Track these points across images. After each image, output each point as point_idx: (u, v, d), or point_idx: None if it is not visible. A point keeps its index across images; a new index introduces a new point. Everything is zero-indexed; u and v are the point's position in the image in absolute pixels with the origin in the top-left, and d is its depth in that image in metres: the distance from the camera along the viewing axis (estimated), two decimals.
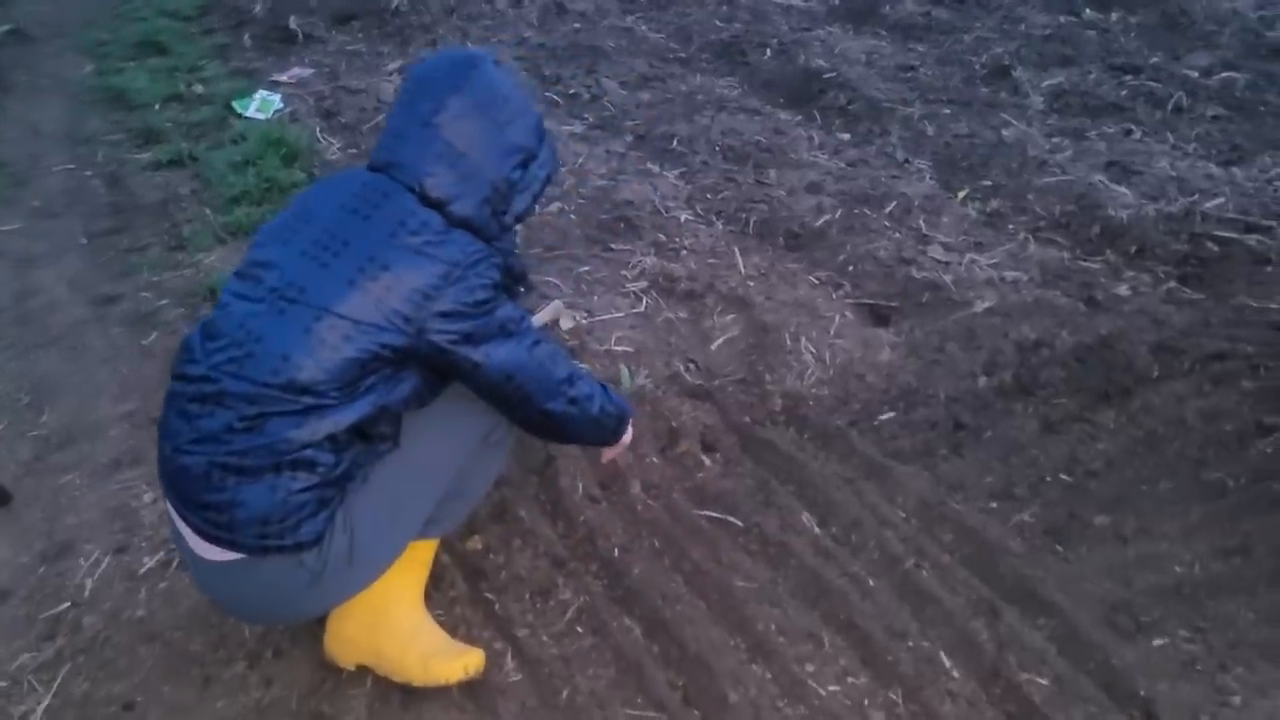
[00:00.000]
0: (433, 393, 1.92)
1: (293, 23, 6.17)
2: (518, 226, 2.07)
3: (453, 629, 2.28)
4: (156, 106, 5.08)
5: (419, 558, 2.17)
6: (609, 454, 2.43)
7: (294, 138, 4.55)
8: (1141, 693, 2.08)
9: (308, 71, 5.56)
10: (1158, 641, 2.22)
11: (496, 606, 2.35)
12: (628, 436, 2.30)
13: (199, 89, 5.30)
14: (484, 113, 1.87)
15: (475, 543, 2.49)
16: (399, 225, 1.78)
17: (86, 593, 2.37)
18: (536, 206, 2.10)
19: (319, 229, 1.80)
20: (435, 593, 2.36)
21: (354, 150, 4.64)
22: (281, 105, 5.04)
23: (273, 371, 1.70)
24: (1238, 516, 2.53)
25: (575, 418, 2.04)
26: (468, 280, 1.79)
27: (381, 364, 1.76)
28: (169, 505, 1.81)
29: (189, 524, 1.76)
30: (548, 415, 1.99)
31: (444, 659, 2.11)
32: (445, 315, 1.77)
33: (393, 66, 5.68)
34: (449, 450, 1.99)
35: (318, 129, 4.83)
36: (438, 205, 1.84)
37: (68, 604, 2.35)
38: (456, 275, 1.77)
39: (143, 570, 2.42)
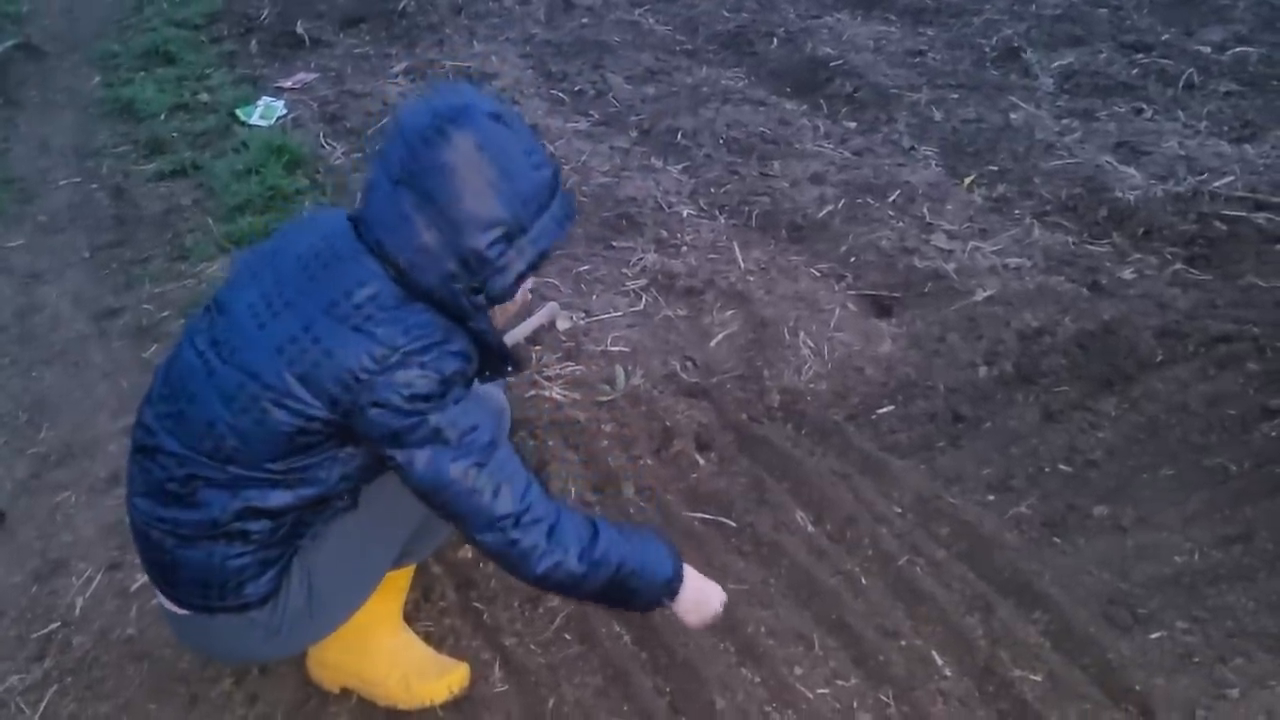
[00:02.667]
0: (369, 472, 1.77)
1: (300, 27, 6.17)
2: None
3: (441, 639, 2.27)
4: (162, 116, 5.10)
5: (396, 584, 2.15)
6: (691, 622, 1.93)
7: (296, 144, 4.55)
8: (1137, 687, 2.05)
9: (313, 76, 5.56)
10: (1155, 634, 2.18)
11: (485, 616, 2.34)
12: (707, 609, 1.90)
13: (204, 97, 5.31)
14: (459, 174, 1.55)
15: (466, 551, 2.48)
16: (343, 295, 1.58)
17: (77, 611, 2.38)
18: (529, 284, 1.74)
19: (272, 280, 1.66)
20: (425, 603, 2.36)
21: (358, 155, 4.64)
22: (285, 111, 5.05)
23: (199, 436, 1.63)
24: (1239, 503, 2.48)
25: (519, 564, 1.68)
26: (407, 369, 1.56)
27: (313, 437, 1.63)
28: None
29: (148, 574, 1.77)
30: (484, 549, 1.69)
31: (428, 679, 2.10)
32: (376, 405, 1.57)
33: (399, 69, 5.67)
34: (413, 501, 1.71)
35: (321, 134, 4.83)
36: (398, 273, 1.61)
37: (58, 623, 2.36)
38: (394, 361, 1.56)
39: (134, 587, 2.43)
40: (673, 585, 1.82)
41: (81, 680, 2.21)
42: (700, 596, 1.89)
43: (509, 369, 1.86)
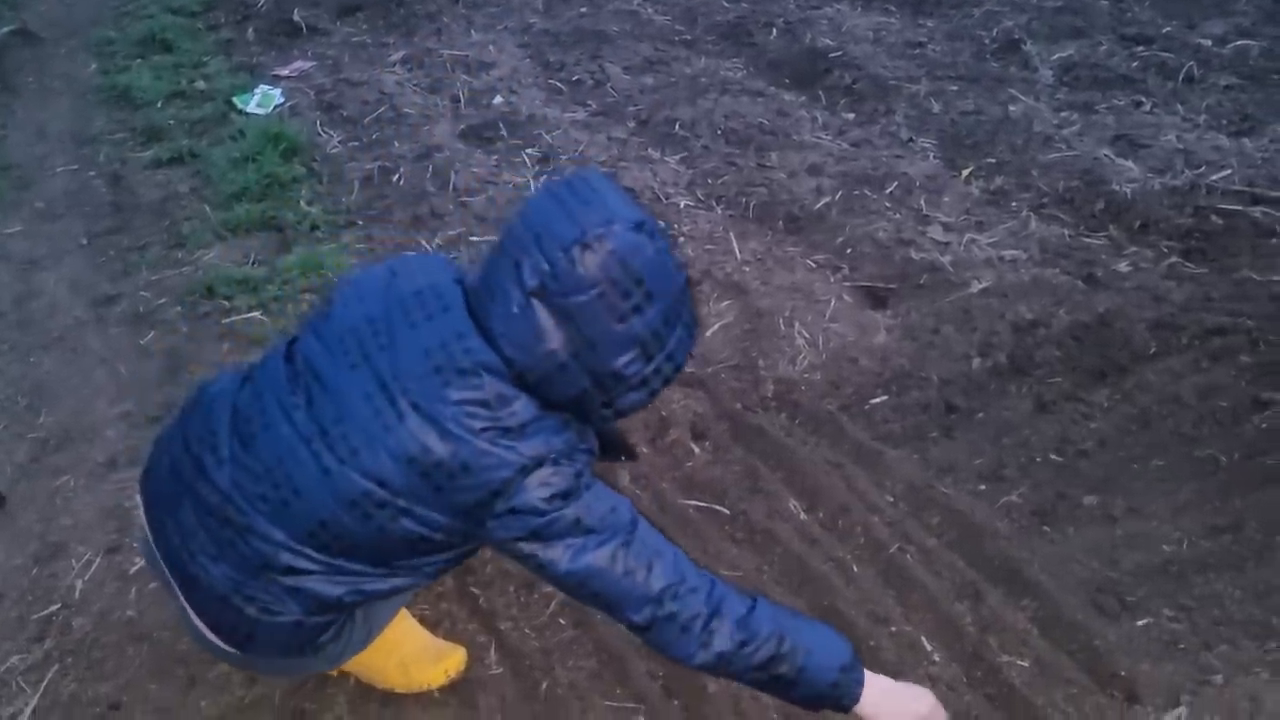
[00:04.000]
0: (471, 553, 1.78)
1: (297, 15, 6.17)
2: None
3: (437, 623, 2.29)
4: (159, 104, 5.10)
5: None
6: None
7: (293, 132, 4.56)
8: (1123, 673, 2.07)
9: (309, 64, 5.57)
10: (1142, 621, 2.20)
11: (482, 600, 2.36)
12: (912, 710, 1.72)
13: (201, 85, 5.31)
14: (602, 294, 1.45)
15: None
16: (480, 405, 1.50)
17: (77, 594, 2.40)
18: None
19: (388, 366, 1.55)
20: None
21: (355, 143, 4.65)
22: (282, 100, 5.05)
23: (309, 532, 1.59)
24: (1229, 493, 2.50)
25: (679, 636, 1.59)
26: (542, 471, 1.52)
27: (434, 544, 1.62)
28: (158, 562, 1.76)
29: (192, 610, 1.72)
30: (640, 628, 1.60)
31: (425, 664, 2.12)
32: (513, 512, 1.53)
33: (396, 57, 5.68)
34: None
35: (318, 123, 4.84)
36: (525, 388, 1.54)
37: (58, 605, 2.37)
38: (530, 468, 1.51)
39: (133, 570, 2.44)
40: (852, 672, 1.65)
41: (81, 661, 2.23)
42: (900, 693, 1.73)
43: (621, 457, 1.83)
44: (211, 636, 1.73)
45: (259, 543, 1.61)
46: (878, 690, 1.68)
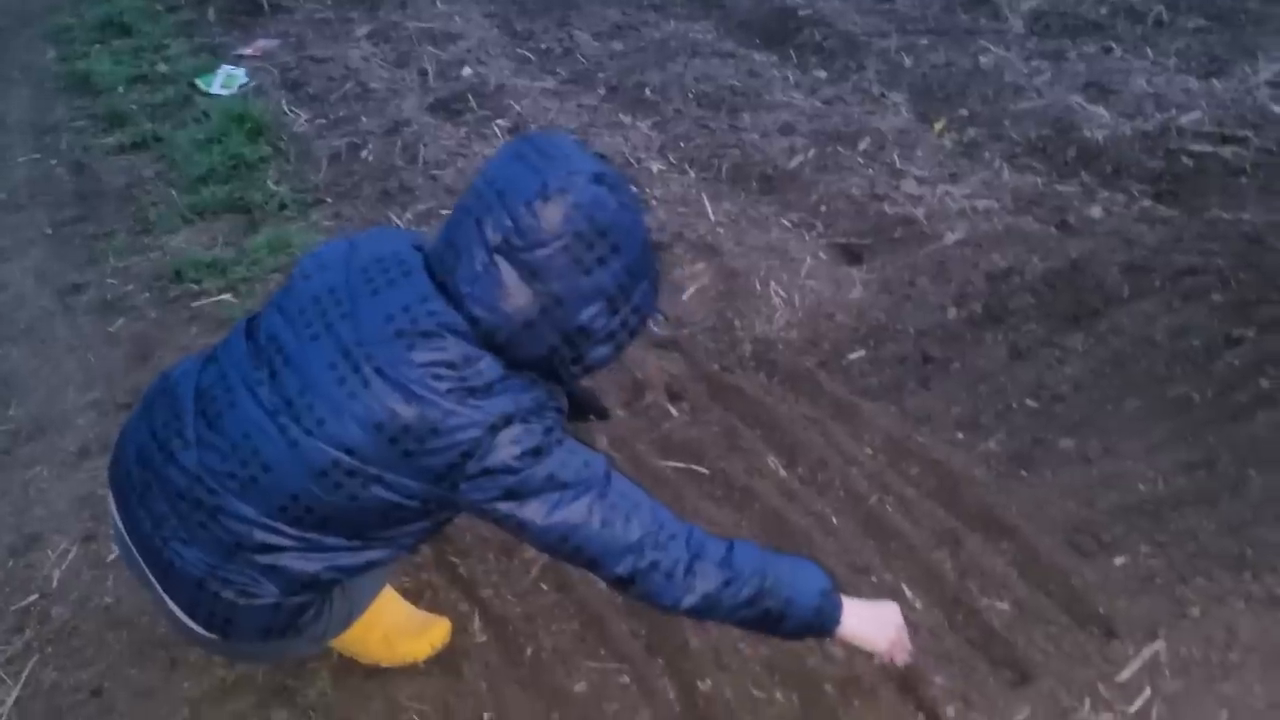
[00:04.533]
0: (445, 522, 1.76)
1: None
2: None
3: (419, 594, 2.28)
4: (120, 89, 5.04)
5: None
6: (879, 645, 1.76)
7: (258, 112, 4.51)
8: (1101, 610, 2.08)
9: (273, 43, 5.51)
10: (1119, 559, 2.21)
11: (462, 569, 2.35)
12: (888, 621, 1.76)
13: (163, 68, 5.25)
14: (567, 248, 1.45)
15: None
16: (445, 366, 1.48)
17: (54, 583, 2.38)
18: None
19: (350, 332, 1.52)
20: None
21: (322, 121, 4.61)
22: (246, 79, 5.00)
23: (280, 507, 1.56)
24: (1202, 430, 2.51)
25: (663, 585, 1.58)
26: (511, 429, 1.49)
27: (408, 512, 1.59)
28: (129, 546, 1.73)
29: (169, 598, 1.70)
30: (622, 581, 1.59)
31: (409, 636, 2.11)
32: (486, 472, 1.51)
33: (361, 32, 5.63)
34: None
35: (283, 101, 4.79)
36: (492, 347, 1.52)
37: (36, 595, 2.35)
38: (500, 427, 1.49)
39: (110, 558, 2.42)
40: (831, 598, 1.68)
41: (62, 649, 2.21)
42: (873, 613, 1.76)
43: (591, 417, 1.82)
44: (191, 624, 1.71)
45: (231, 522, 1.59)
46: (853, 611, 1.71)
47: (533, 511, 1.54)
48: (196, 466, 1.60)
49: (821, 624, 1.68)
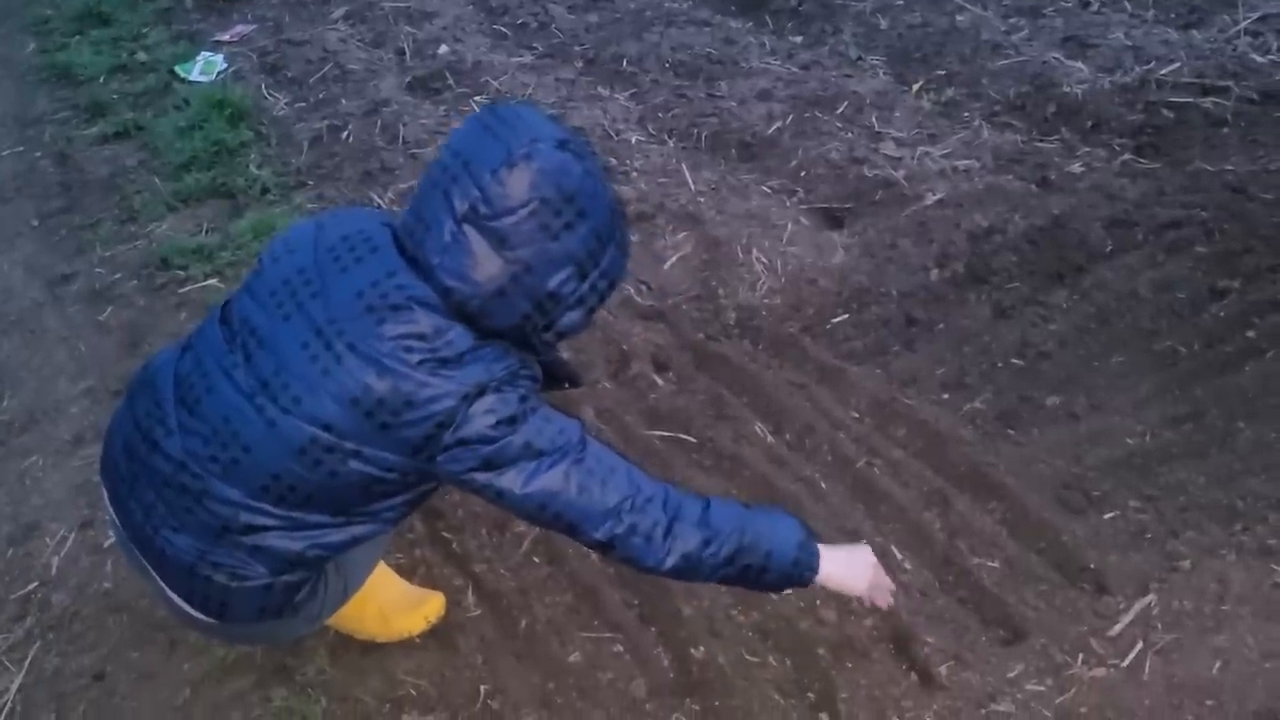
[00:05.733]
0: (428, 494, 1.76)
1: None
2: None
3: (413, 570, 2.30)
4: (101, 79, 5.00)
5: None
6: (857, 587, 1.80)
7: (238, 97, 4.48)
8: (1092, 565, 2.10)
9: (250, 27, 5.47)
10: (1108, 514, 2.24)
11: (455, 544, 2.37)
12: (862, 565, 1.79)
13: (142, 57, 5.21)
14: (534, 214, 1.46)
15: None
16: (416, 338, 1.49)
17: (54, 570, 2.40)
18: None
19: (321, 311, 1.54)
20: (395, 536, 2.38)
21: (302, 104, 4.58)
22: (225, 65, 4.97)
23: (262, 488, 1.58)
24: (1189, 383, 2.53)
25: (642, 547, 1.60)
26: (485, 399, 1.51)
27: (388, 485, 1.60)
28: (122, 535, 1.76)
29: (167, 586, 1.71)
30: (602, 545, 1.61)
31: (404, 612, 2.13)
32: (462, 443, 1.52)
33: (338, 14, 5.59)
34: None
35: (263, 85, 4.76)
36: (464, 318, 1.54)
37: (36, 583, 2.37)
38: (474, 396, 1.50)
39: (107, 544, 2.43)
40: (808, 547, 1.71)
41: (63, 635, 2.24)
42: (847, 556, 1.79)
43: (566, 385, 1.85)
44: (189, 609, 1.73)
45: (216, 505, 1.61)
46: (830, 557, 1.73)
47: (510, 480, 1.56)
48: (180, 453, 1.62)
49: (800, 574, 1.71)
